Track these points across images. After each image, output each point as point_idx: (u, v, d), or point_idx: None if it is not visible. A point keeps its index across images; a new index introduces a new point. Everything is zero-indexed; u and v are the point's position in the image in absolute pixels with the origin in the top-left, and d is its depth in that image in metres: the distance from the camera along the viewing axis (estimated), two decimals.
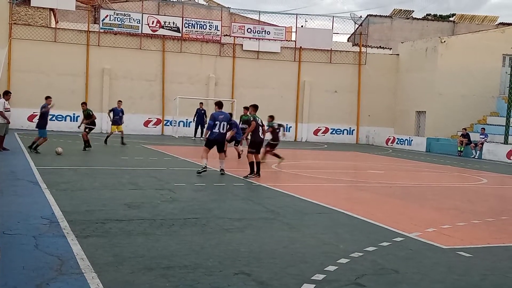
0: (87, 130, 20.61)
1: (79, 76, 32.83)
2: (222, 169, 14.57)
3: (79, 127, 20.11)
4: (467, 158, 28.68)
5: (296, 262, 6.39)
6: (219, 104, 14.85)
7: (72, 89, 32.23)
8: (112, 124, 23.57)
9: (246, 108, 19.36)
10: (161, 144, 25.95)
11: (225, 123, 14.42)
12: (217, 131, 14.27)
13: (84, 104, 21.55)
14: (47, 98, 18.79)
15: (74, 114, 31.72)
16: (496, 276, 6.34)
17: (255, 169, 14.29)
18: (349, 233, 8.23)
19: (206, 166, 14.27)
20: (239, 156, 19.26)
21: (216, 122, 14.25)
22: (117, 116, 23.31)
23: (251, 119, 14.81)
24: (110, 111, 23.89)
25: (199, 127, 30.82)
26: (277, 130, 18.19)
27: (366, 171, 19.47)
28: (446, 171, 20.71)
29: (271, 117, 17.91)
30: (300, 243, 7.40)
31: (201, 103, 31.63)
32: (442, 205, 11.67)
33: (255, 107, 15.05)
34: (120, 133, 23.34)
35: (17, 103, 28.11)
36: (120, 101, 24.50)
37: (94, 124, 21.31)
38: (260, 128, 14.65)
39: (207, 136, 14.62)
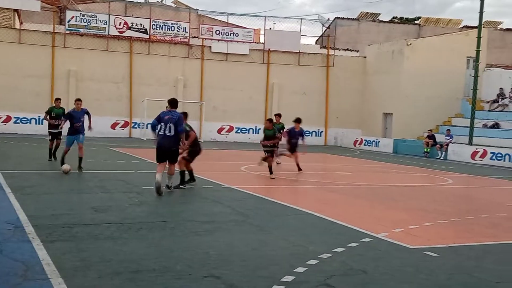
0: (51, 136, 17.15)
1: (45, 78, 32.27)
2: (168, 186, 11.80)
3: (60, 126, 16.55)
4: (433, 159, 29.14)
5: (265, 264, 6.39)
6: (171, 103, 11.77)
7: (37, 91, 31.66)
8: None
9: (278, 115, 19.71)
10: (128, 146, 25.68)
11: (172, 125, 11.26)
12: (162, 133, 11.33)
13: (58, 100, 17.59)
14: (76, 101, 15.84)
15: (39, 117, 31.03)
16: (462, 275, 6.45)
17: (190, 177, 12.72)
18: (318, 234, 8.27)
19: (157, 187, 11.11)
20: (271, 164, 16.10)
21: (161, 124, 11.39)
22: None
23: (188, 129, 12.07)
24: None
25: None
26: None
27: (335, 172, 19.62)
28: (412, 172, 21.00)
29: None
30: (270, 245, 7.40)
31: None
32: (409, 205, 11.83)
33: (185, 115, 12.13)
34: None
35: None
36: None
37: (56, 128, 16.96)
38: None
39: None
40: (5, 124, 31.26)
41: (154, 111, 32.01)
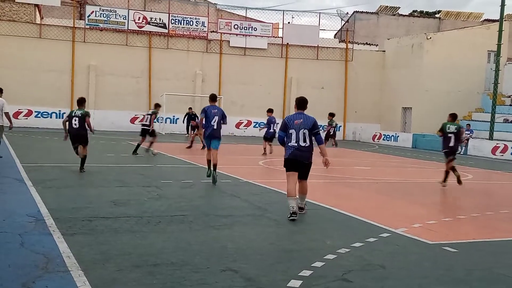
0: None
1: (65, 73, 32.60)
2: (302, 208, 9.20)
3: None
4: None
5: (283, 258, 6.40)
6: (299, 103, 9.75)
7: (57, 85, 32.00)
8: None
9: (452, 116, 14.07)
10: (148, 140, 25.76)
11: (307, 132, 9.19)
12: (295, 144, 8.99)
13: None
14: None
15: (59, 111, 31.49)
16: (481, 271, 6.39)
17: None
18: (336, 229, 8.26)
19: (292, 212, 8.70)
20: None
21: (290, 132, 9.13)
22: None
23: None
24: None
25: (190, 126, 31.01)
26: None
27: (353, 167, 19.54)
28: (432, 167, 20.83)
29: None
30: (287, 239, 7.41)
31: (190, 108, 31.22)
32: (428, 200, 11.75)
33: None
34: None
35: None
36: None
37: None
38: None
39: None
40: (26, 118, 31.66)
41: (173, 105, 32.56)
